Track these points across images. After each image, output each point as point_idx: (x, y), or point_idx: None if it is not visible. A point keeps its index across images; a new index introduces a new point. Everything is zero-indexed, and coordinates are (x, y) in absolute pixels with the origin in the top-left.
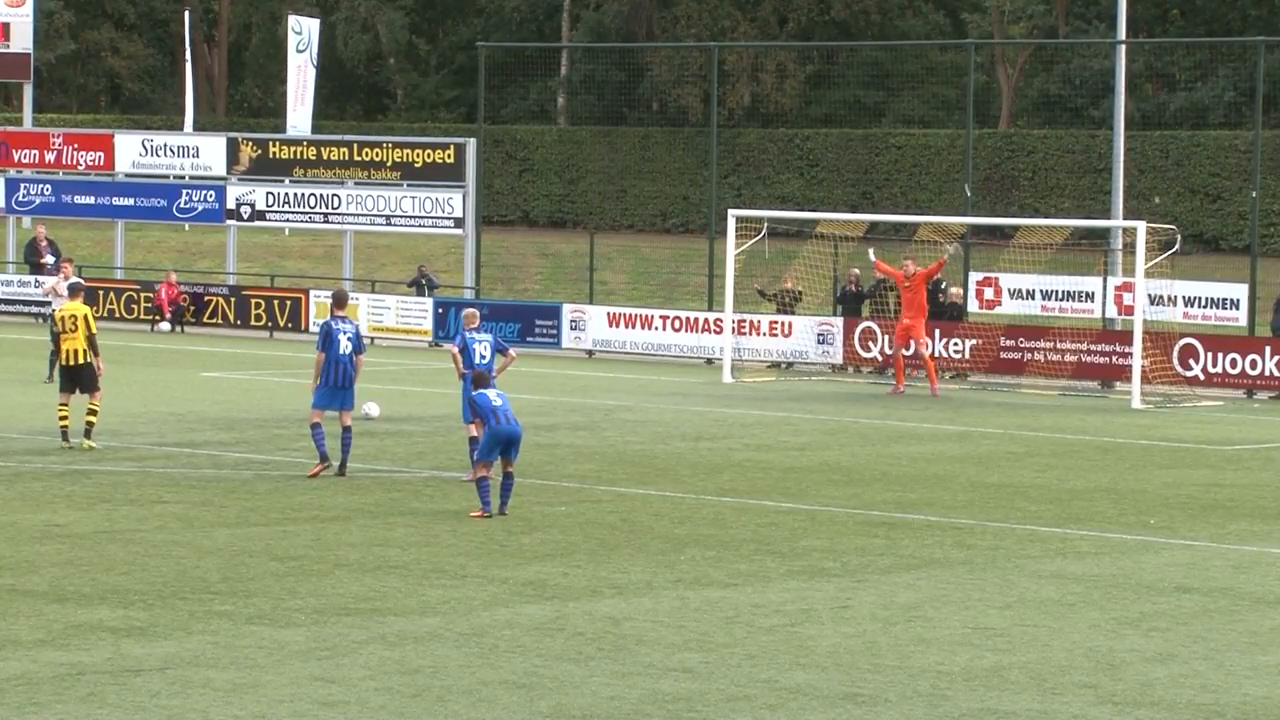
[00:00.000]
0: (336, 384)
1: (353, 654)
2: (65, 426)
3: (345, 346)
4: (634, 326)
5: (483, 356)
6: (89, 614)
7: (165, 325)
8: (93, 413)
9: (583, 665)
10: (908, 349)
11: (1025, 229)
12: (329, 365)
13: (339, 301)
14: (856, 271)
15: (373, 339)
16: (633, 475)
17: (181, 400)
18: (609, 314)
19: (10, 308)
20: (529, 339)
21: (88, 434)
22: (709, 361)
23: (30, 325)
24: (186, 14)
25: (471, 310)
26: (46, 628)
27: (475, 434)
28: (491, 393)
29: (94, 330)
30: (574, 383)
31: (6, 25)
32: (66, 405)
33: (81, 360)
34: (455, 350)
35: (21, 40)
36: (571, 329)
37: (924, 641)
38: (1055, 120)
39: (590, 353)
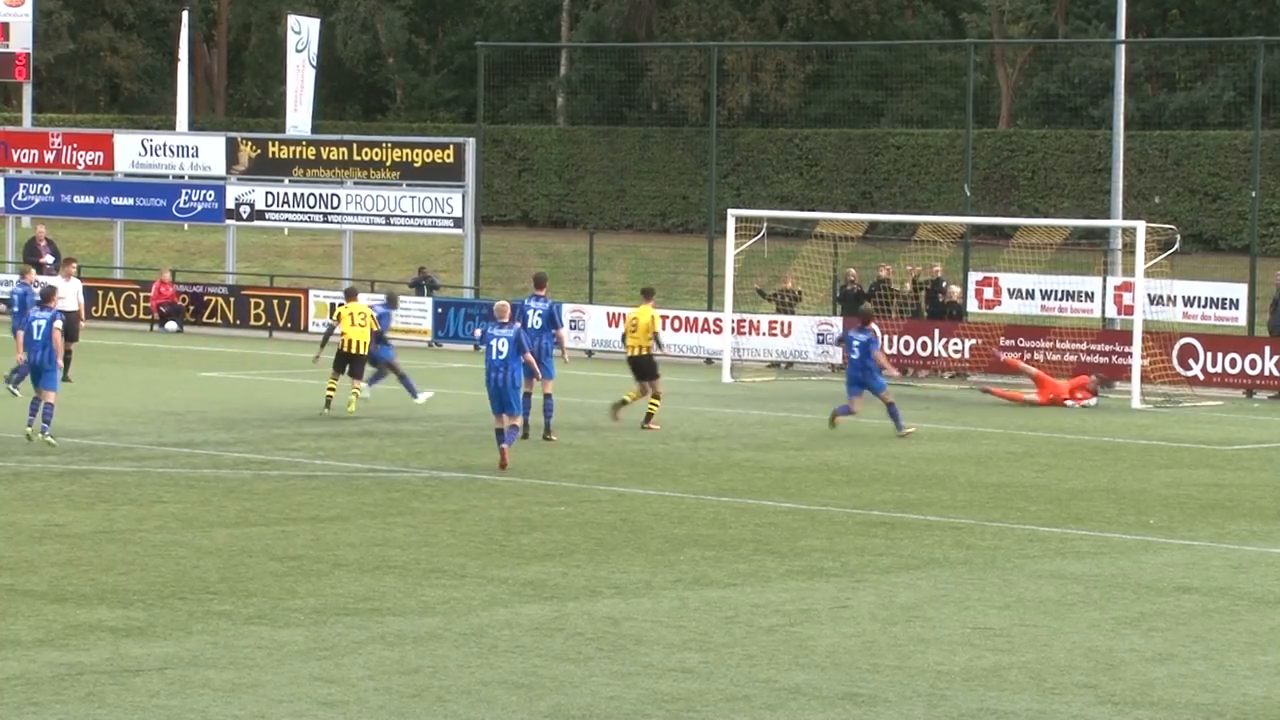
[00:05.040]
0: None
1: (352, 654)
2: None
3: (501, 351)
4: None
5: (499, 353)
6: (88, 614)
7: (173, 325)
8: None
9: (582, 665)
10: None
11: (1025, 229)
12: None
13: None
14: (853, 271)
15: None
16: (632, 475)
17: (181, 400)
18: (608, 314)
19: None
20: None
21: None
22: (708, 361)
23: None
24: (184, 14)
25: (503, 303)
26: (46, 628)
27: (500, 425)
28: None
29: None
30: (573, 382)
31: (6, 25)
32: None
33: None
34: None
35: (21, 40)
36: (571, 329)
37: (923, 641)
38: (1054, 120)
39: (590, 352)
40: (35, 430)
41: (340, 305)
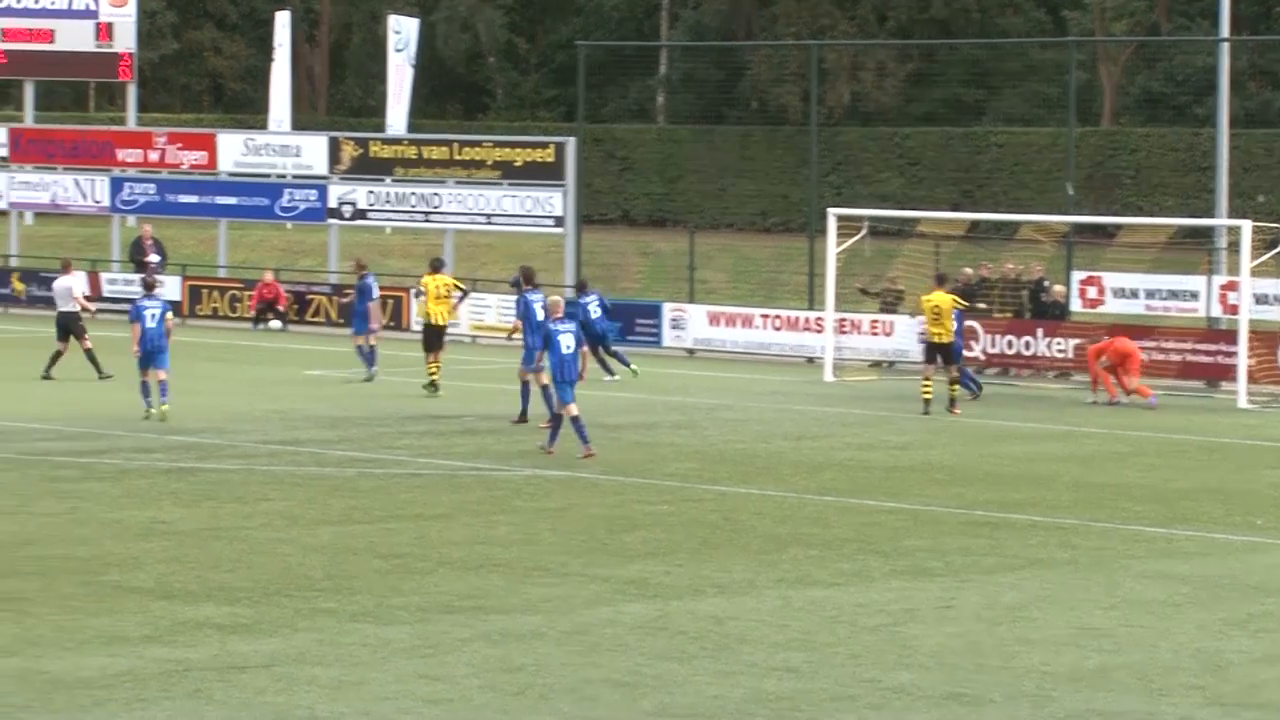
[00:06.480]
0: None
1: (456, 652)
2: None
3: (570, 345)
4: (735, 325)
5: (568, 348)
6: (195, 611)
7: (276, 323)
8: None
9: (686, 664)
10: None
11: (1128, 228)
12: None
13: (554, 308)
14: (969, 271)
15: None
16: (734, 474)
17: (285, 398)
18: (709, 313)
19: (117, 305)
20: (630, 338)
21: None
22: (810, 360)
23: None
24: (278, 14)
25: (556, 299)
26: (153, 624)
27: (567, 414)
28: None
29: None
30: (674, 381)
31: (110, 25)
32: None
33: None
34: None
35: (125, 40)
36: (672, 328)
37: (1029, 642)
38: (1158, 118)
39: (691, 351)
40: (156, 407)
41: (425, 278)
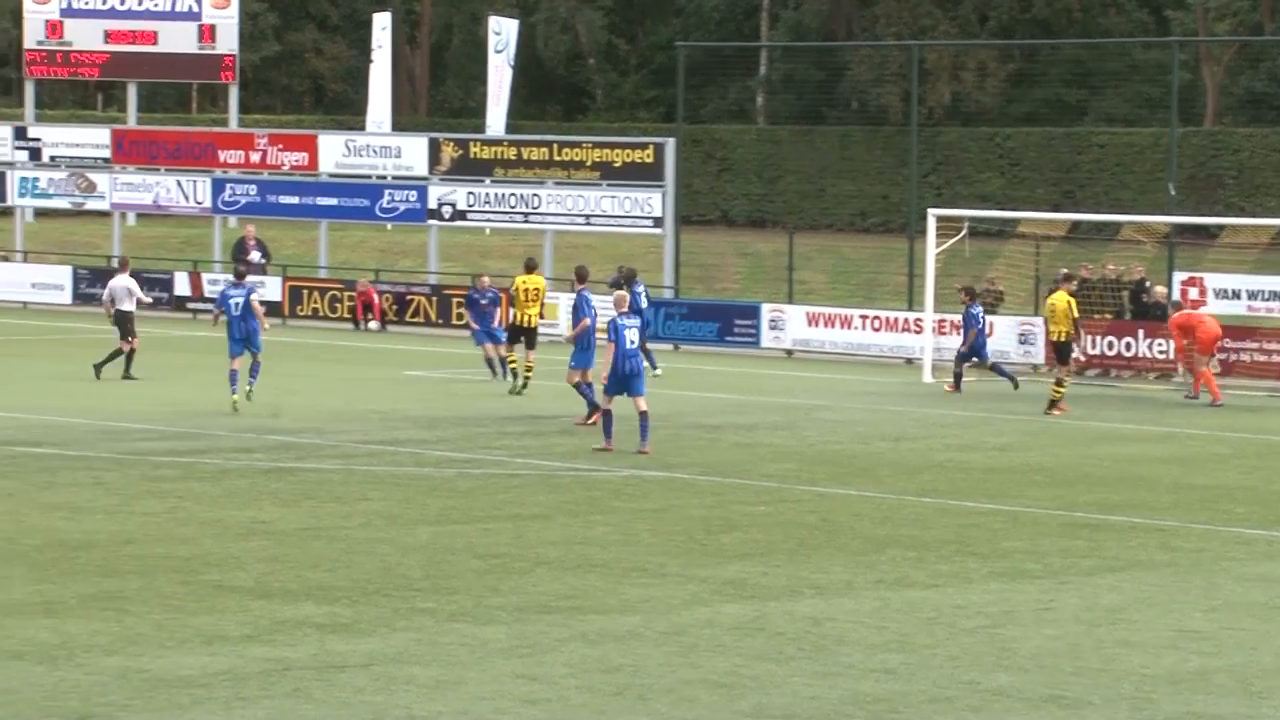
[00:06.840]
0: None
1: (554, 652)
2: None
3: (634, 340)
4: (833, 326)
5: (632, 342)
6: (294, 610)
7: (374, 324)
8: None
9: (783, 665)
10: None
11: (1231, 228)
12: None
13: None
14: (1064, 270)
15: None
16: (832, 475)
17: (384, 398)
18: (808, 313)
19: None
20: (728, 338)
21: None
22: (909, 361)
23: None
24: (375, 15)
25: (622, 293)
26: (253, 623)
27: (610, 408)
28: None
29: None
30: (773, 382)
31: (212, 27)
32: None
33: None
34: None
35: (227, 42)
36: (771, 328)
37: (1128, 644)
38: (1261, 118)
39: (789, 352)
40: (242, 395)
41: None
